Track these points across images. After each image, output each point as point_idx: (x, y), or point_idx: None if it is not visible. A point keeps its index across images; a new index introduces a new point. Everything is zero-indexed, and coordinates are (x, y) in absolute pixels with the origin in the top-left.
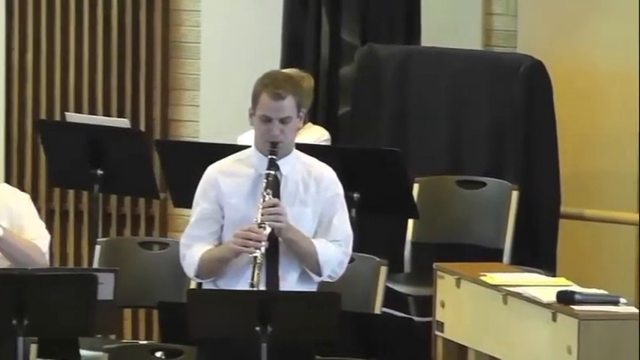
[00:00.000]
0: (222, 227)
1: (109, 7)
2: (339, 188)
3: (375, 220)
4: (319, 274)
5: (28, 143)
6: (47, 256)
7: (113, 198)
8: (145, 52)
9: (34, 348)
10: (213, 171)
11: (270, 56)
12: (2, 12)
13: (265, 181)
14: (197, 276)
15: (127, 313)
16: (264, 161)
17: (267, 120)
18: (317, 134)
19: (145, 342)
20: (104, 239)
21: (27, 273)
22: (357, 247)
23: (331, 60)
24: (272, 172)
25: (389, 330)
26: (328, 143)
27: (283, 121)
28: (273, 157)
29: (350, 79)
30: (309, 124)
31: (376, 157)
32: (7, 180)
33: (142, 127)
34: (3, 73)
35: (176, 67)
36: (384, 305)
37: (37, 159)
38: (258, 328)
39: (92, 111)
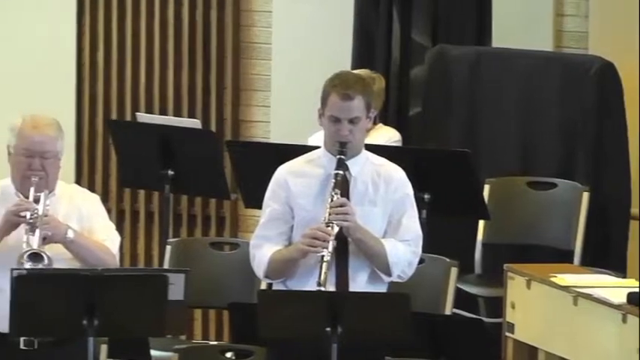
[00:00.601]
0: (292, 228)
1: (180, 6)
2: (408, 188)
3: (445, 221)
4: (389, 275)
5: (99, 143)
6: (117, 258)
7: (184, 198)
8: (216, 52)
9: (104, 348)
10: (282, 172)
11: (341, 57)
12: (74, 11)
13: (334, 180)
14: (266, 276)
15: (198, 313)
16: (334, 162)
17: (336, 120)
18: (387, 135)
19: (215, 342)
20: (175, 240)
21: (98, 273)
22: (428, 248)
23: (402, 61)
24: (340, 172)
25: (459, 331)
26: (399, 144)
27: (352, 121)
28: (342, 157)
29: (421, 80)
30: (380, 125)
31: (447, 158)
32: (78, 180)
33: (213, 128)
34: (74, 72)
35: (247, 68)
36: (455, 306)
37: (108, 159)
38: (328, 329)
39: (163, 111)
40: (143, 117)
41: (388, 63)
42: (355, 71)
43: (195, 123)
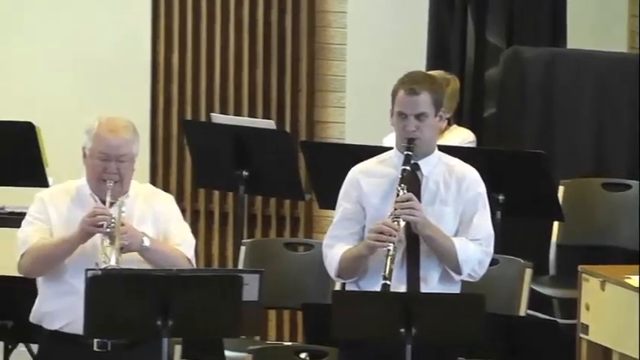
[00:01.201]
0: (363, 228)
1: (255, 8)
2: (481, 187)
3: (520, 222)
4: (459, 273)
5: (174, 144)
6: (193, 262)
7: (258, 199)
8: (291, 53)
9: (178, 349)
10: (355, 171)
11: (415, 58)
12: (148, 13)
13: (400, 176)
14: (338, 276)
15: (272, 314)
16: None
17: (403, 116)
18: (462, 136)
19: (289, 343)
20: (249, 240)
21: (172, 274)
22: (502, 249)
23: (477, 62)
24: (407, 168)
25: (534, 332)
26: (473, 145)
27: (419, 117)
28: (409, 152)
29: (495, 81)
30: (455, 126)
31: (521, 159)
32: (153, 180)
33: (288, 129)
34: (149, 73)
35: (322, 69)
36: (529, 307)
37: (183, 160)
38: (402, 330)
39: (238, 112)
40: (218, 117)
41: (463, 64)
42: (430, 72)
43: (270, 124)
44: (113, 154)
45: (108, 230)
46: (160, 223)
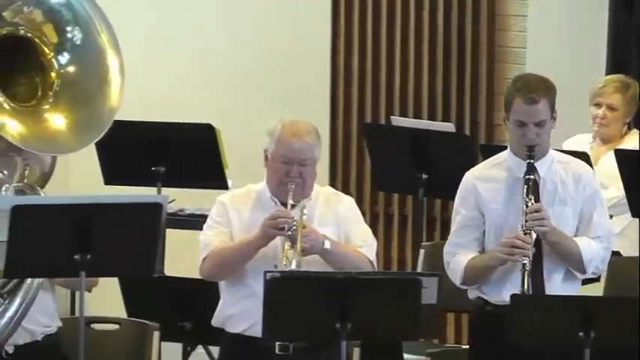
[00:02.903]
0: (483, 233)
1: (435, 11)
2: (596, 184)
3: None
4: (583, 272)
5: (353, 146)
6: (375, 264)
7: (437, 202)
8: (471, 56)
9: (356, 352)
10: (470, 177)
11: (594, 61)
12: (328, 15)
13: (526, 186)
14: (463, 283)
15: (450, 317)
16: (520, 164)
17: (522, 125)
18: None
19: (467, 346)
20: (428, 243)
21: (351, 277)
22: None
23: None
24: (532, 177)
25: None
26: None
27: (538, 124)
28: (531, 161)
29: None
30: (634, 131)
31: None
32: (332, 183)
33: (467, 132)
34: (329, 75)
35: (502, 72)
36: None
37: (362, 162)
38: (581, 334)
39: (417, 115)
40: (397, 120)
41: None
42: (609, 77)
43: (449, 127)
44: (296, 157)
45: (289, 233)
46: (341, 226)
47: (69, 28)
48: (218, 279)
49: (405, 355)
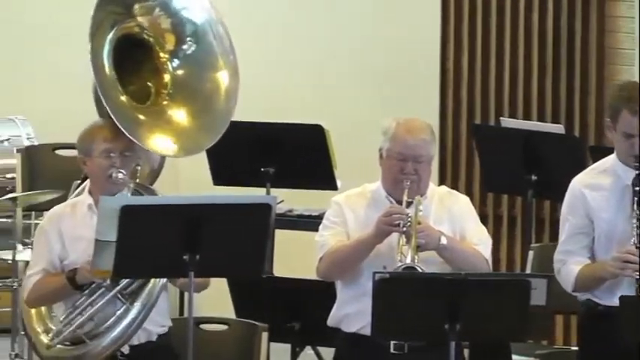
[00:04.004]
0: (593, 240)
1: (544, 12)
2: None
3: None
4: None
5: (463, 147)
6: (490, 262)
7: (547, 203)
8: (580, 57)
9: (465, 352)
10: (578, 185)
11: None
12: (438, 17)
13: (637, 198)
14: (574, 291)
15: (559, 318)
16: (628, 172)
17: (630, 136)
18: None
19: (576, 348)
20: (537, 245)
21: (460, 277)
22: None
23: None
24: None
25: None
26: None
27: None
28: None
29: None
30: None
31: None
32: (441, 184)
33: (577, 134)
34: (438, 77)
35: (611, 74)
36: None
37: (472, 163)
38: None
39: (526, 116)
40: (507, 122)
41: None
42: None
43: (559, 128)
44: (411, 154)
45: (404, 229)
46: (457, 223)
47: (189, 40)
48: (335, 278)
49: (514, 357)
